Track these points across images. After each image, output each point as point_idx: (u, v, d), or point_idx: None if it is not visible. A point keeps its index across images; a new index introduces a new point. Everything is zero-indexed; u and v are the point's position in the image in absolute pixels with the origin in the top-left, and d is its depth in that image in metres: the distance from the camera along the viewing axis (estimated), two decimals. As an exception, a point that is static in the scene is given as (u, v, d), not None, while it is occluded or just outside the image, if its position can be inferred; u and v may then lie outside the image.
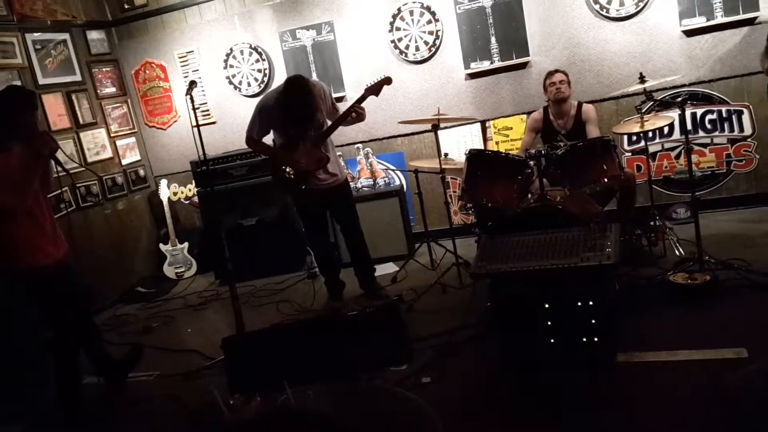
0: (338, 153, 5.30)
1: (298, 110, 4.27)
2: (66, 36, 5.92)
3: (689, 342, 3.28)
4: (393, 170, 6.09)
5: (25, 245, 3.40)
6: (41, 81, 5.54)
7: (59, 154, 3.45)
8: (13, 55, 5.34)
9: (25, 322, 4.33)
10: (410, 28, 5.75)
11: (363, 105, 4.50)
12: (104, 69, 6.35)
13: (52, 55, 5.74)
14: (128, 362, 4.12)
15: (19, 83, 5.30)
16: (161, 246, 6.38)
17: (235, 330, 4.14)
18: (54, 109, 5.66)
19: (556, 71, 4.75)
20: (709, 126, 5.33)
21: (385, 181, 6.05)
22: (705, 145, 5.37)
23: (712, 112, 5.29)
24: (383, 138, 6.08)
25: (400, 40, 5.79)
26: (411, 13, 5.71)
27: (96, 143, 6.08)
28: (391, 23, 5.77)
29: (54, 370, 3.67)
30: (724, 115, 5.27)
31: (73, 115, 5.87)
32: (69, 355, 3.66)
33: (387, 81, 4.56)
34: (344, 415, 3.16)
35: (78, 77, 6.01)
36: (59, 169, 3.50)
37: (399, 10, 5.73)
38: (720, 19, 5.06)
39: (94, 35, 6.27)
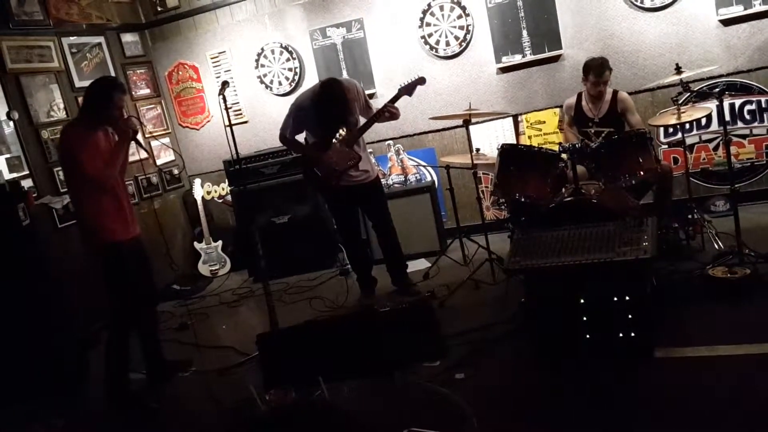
0: (369, 150, 5.30)
1: (334, 115, 4.32)
2: (101, 39, 6.02)
3: (729, 337, 3.21)
4: (424, 166, 6.07)
5: (108, 219, 3.74)
6: (77, 84, 5.64)
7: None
8: (50, 58, 5.45)
9: (68, 318, 4.44)
10: (440, 24, 5.73)
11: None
12: (138, 71, 6.45)
13: (87, 58, 5.84)
14: (175, 368, 4.20)
15: (56, 86, 5.41)
16: (196, 244, 6.46)
17: (268, 327, 4.17)
18: (90, 111, 5.76)
19: (603, 68, 4.58)
20: (748, 117, 5.21)
21: (416, 177, 6.03)
22: (744, 136, 5.26)
23: (751, 102, 5.17)
24: (414, 134, 6.07)
25: (430, 35, 5.77)
26: (441, 8, 5.68)
27: (131, 144, 6.16)
28: (421, 19, 5.75)
29: (105, 353, 3.85)
30: (763, 105, 5.15)
31: (109, 117, 5.97)
32: (122, 338, 3.85)
33: (421, 81, 4.54)
34: (379, 410, 3.17)
35: (113, 79, 6.11)
36: (140, 151, 4.01)
37: (429, 5, 5.70)
38: (758, 7, 4.94)
39: (128, 38, 6.37)
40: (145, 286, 4.01)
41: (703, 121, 5.23)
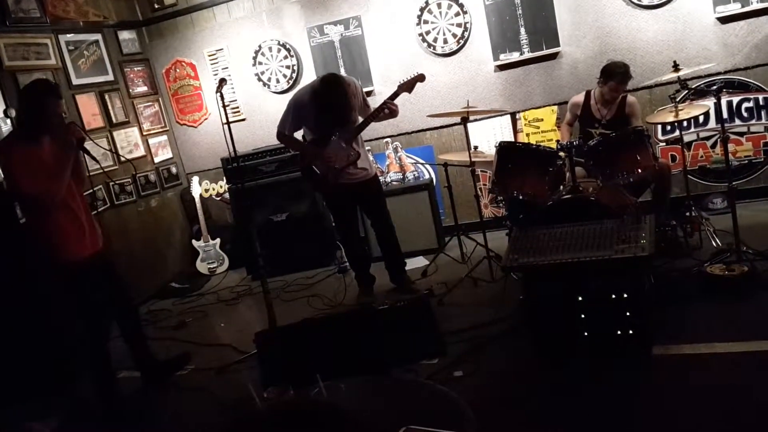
0: (367, 147, 5.30)
1: (333, 110, 4.27)
2: (98, 36, 6.00)
3: (727, 334, 3.22)
4: (422, 164, 6.07)
5: (62, 238, 3.49)
6: (75, 81, 5.64)
7: (91, 147, 3.59)
8: (47, 56, 5.43)
9: (64, 315, 4.42)
10: (438, 21, 5.72)
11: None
12: (136, 68, 6.44)
13: (85, 56, 5.83)
14: (173, 365, 4.13)
15: (53, 84, 5.40)
16: (194, 242, 6.45)
17: (267, 324, 4.17)
18: (87, 108, 5.75)
19: (627, 77, 4.54)
20: (745, 114, 5.21)
21: (414, 175, 6.04)
22: (741, 134, 5.26)
23: (748, 99, 5.18)
24: (412, 132, 6.06)
25: (428, 33, 5.77)
26: (439, 5, 5.67)
27: (129, 142, 6.17)
28: (419, 16, 5.74)
29: (89, 366, 3.77)
30: (761, 102, 5.15)
31: (107, 115, 5.97)
32: (98, 351, 3.72)
33: (420, 78, 4.53)
34: (377, 408, 3.16)
35: (110, 77, 6.10)
36: (87, 159, 3.62)
37: (426, 2, 5.70)
38: (756, 4, 4.94)
39: (125, 35, 6.35)
40: (117, 301, 3.88)
41: (701, 118, 5.24)
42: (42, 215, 3.45)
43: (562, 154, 4.07)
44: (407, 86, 4.52)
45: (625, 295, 3.11)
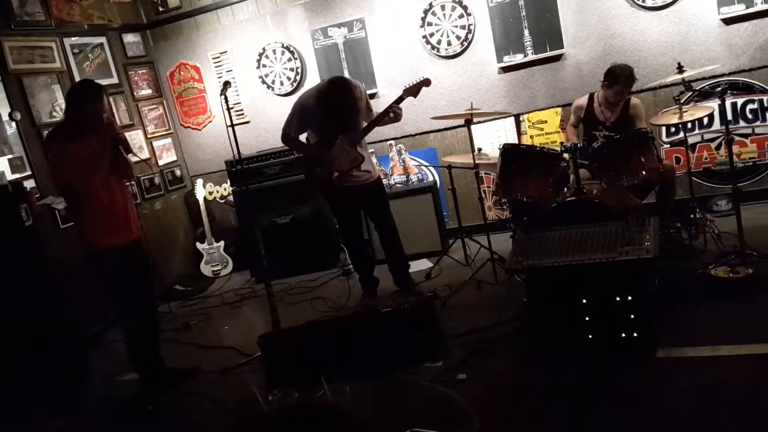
0: (371, 150, 5.30)
1: (340, 113, 4.26)
2: (102, 39, 6.03)
3: (731, 337, 3.20)
4: (426, 166, 6.07)
5: (91, 226, 3.69)
6: (80, 84, 5.65)
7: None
8: (52, 59, 5.45)
9: (69, 318, 4.44)
10: (442, 23, 5.72)
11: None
12: (140, 71, 6.45)
13: (89, 59, 5.85)
14: (179, 375, 4.11)
15: (58, 87, 5.42)
16: (198, 245, 6.46)
17: (271, 327, 4.17)
18: (92, 111, 5.77)
19: (632, 80, 4.51)
20: (750, 116, 5.20)
21: (418, 177, 6.03)
22: (746, 136, 5.25)
23: (753, 101, 5.16)
24: (416, 134, 6.06)
25: (431, 35, 5.77)
26: (442, 7, 5.67)
27: (133, 144, 6.17)
28: (423, 18, 5.75)
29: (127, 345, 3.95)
30: (765, 104, 5.14)
31: (111, 117, 5.99)
32: (135, 326, 3.89)
33: (426, 83, 4.53)
34: (381, 410, 3.17)
35: (115, 80, 6.12)
36: (128, 156, 3.84)
37: (430, 5, 5.70)
38: (760, 5, 4.93)
39: (129, 38, 6.37)
40: (141, 291, 3.93)
41: (705, 120, 5.22)
42: (76, 205, 3.70)
43: (566, 156, 4.06)
44: (413, 91, 4.53)
45: (630, 298, 3.11)
